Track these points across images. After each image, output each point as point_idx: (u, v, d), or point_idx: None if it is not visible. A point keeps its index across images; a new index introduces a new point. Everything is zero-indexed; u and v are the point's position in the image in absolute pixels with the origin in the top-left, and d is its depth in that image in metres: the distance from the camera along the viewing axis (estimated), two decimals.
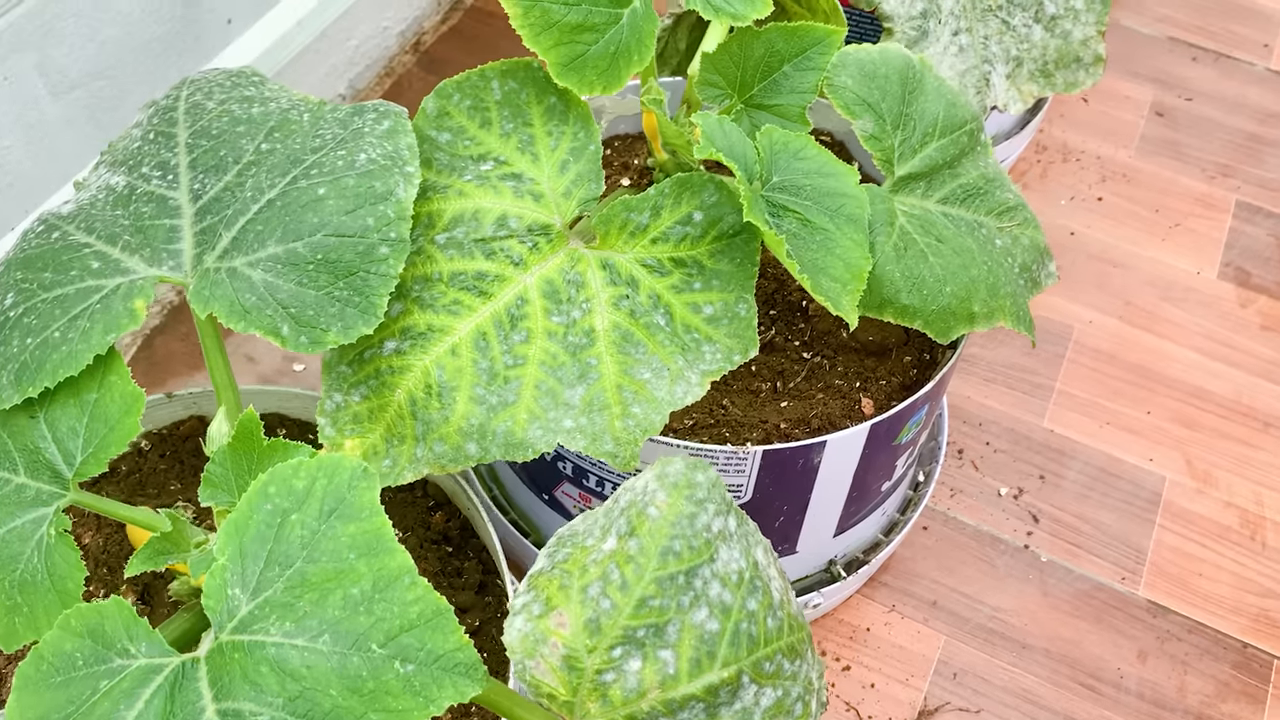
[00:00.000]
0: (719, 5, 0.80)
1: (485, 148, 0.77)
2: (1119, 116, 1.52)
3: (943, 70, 1.08)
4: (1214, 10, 1.66)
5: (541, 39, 0.75)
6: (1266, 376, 1.27)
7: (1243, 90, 1.56)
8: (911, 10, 1.06)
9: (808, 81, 0.85)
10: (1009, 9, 1.10)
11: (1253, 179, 1.46)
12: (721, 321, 0.74)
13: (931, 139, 0.89)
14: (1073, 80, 1.12)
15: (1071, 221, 1.40)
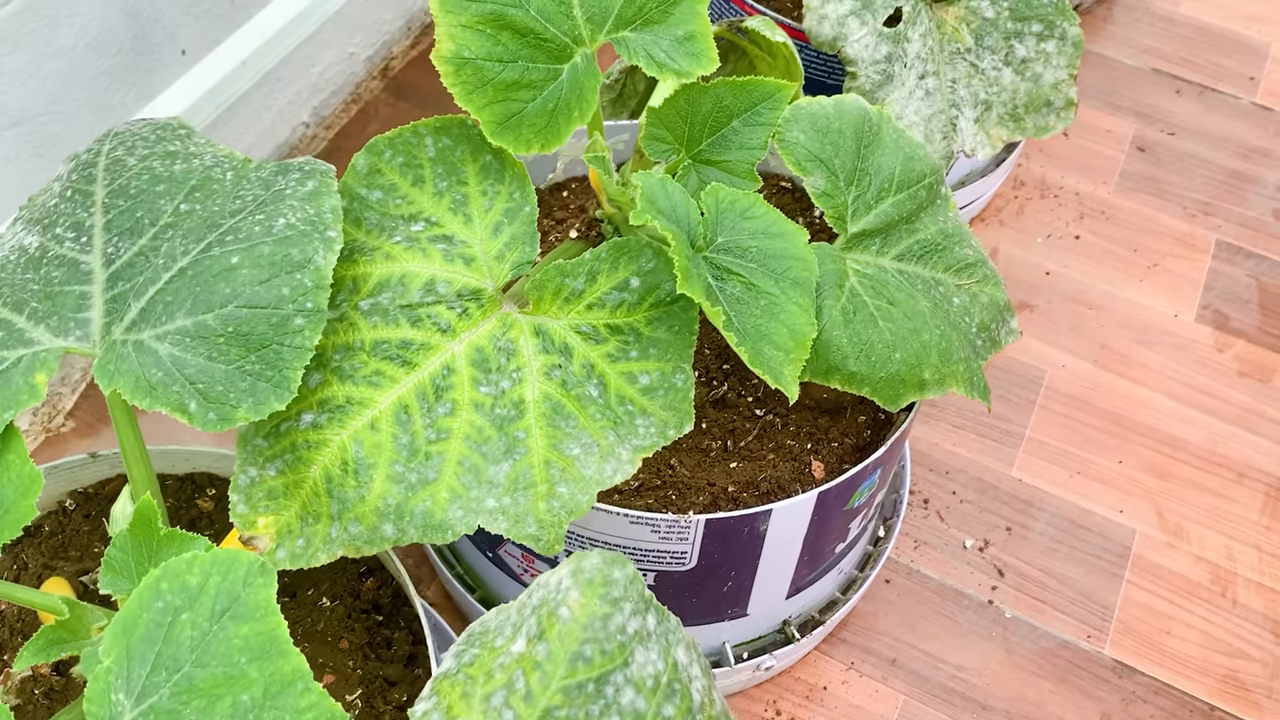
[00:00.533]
0: (663, 62, 0.77)
1: (417, 207, 0.74)
2: (1099, 151, 1.49)
3: (908, 115, 1.05)
4: (1199, 42, 1.63)
5: (474, 98, 0.72)
6: (1242, 424, 1.24)
7: (1226, 125, 1.53)
8: (876, 54, 1.03)
9: (757, 137, 0.82)
10: (978, 52, 1.07)
11: (1234, 217, 1.43)
12: (657, 392, 0.72)
13: (888, 194, 0.86)
14: (1043, 125, 1.09)
15: (1048, 260, 1.37)
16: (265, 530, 0.66)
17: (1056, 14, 1.08)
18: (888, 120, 0.89)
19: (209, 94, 1.21)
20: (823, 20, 1.02)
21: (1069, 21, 1.09)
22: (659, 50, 0.77)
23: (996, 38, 1.07)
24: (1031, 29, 1.08)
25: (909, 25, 1.04)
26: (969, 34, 1.07)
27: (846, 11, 1.02)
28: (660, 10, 0.78)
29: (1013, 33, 1.08)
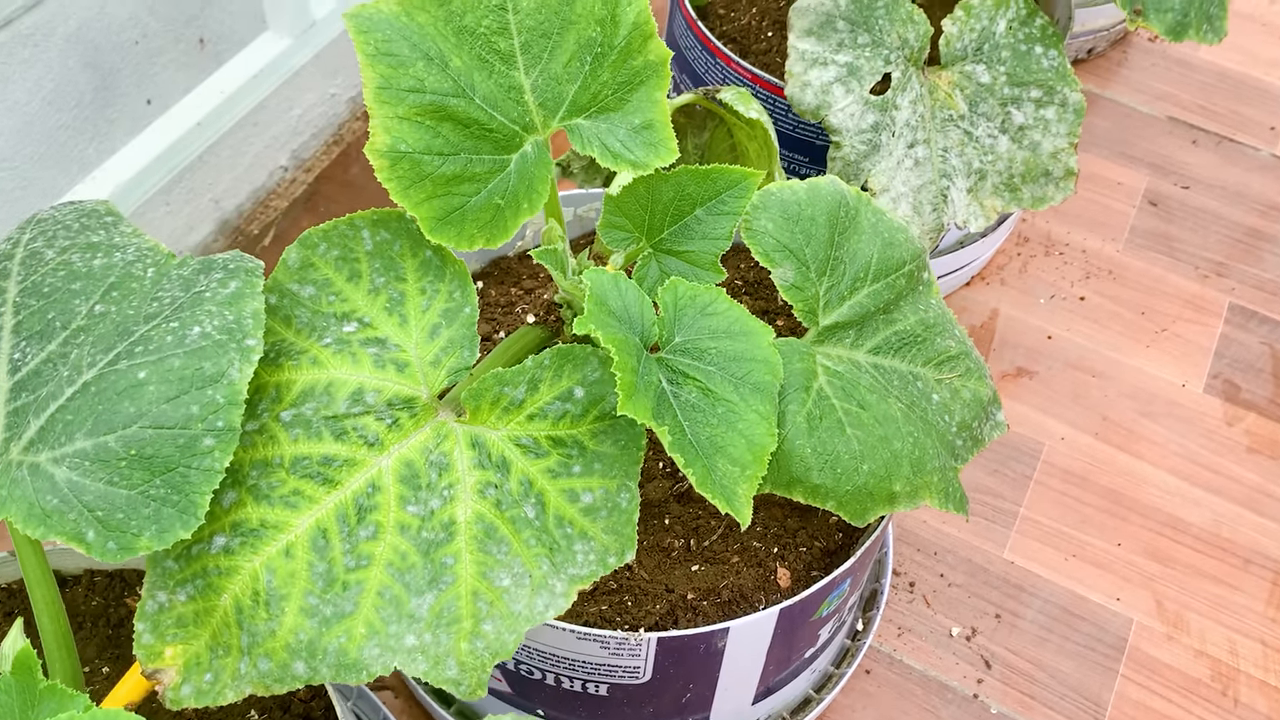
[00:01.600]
0: (618, 152, 0.72)
1: (350, 305, 0.70)
2: (1109, 205, 1.43)
3: (895, 186, 0.99)
4: (1219, 89, 1.57)
5: (411, 193, 0.68)
6: (1249, 505, 1.18)
7: (1244, 178, 1.47)
8: (861, 124, 0.97)
9: (721, 227, 0.77)
10: (972, 119, 1.01)
11: (1249, 279, 1.37)
12: (600, 513, 0.67)
13: (863, 284, 0.81)
14: (1041, 196, 1.04)
15: (1050, 323, 1.31)
16: (172, 662, 0.62)
17: (1057, 79, 1.03)
18: (866, 202, 0.84)
19: (178, 143, 1.17)
20: (805, 88, 0.97)
21: (1070, 87, 1.03)
22: (614, 139, 0.73)
23: (992, 104, 1.02)
24: (1030, 95, 1.02)
25: (898, 92, 0.99)
26: (963, 100, 1.01)
27: (831, 79, 0.97)
28: (616, 97, 0.73)
29: (1010, 99, 1.02)
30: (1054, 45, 1.04)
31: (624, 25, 0.72)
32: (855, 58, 0.97)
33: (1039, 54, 1.03)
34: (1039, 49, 1.03)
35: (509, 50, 0.72)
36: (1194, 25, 1.08)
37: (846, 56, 0.97)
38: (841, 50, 0.97)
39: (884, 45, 0.98)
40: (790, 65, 0.97)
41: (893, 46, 0.98)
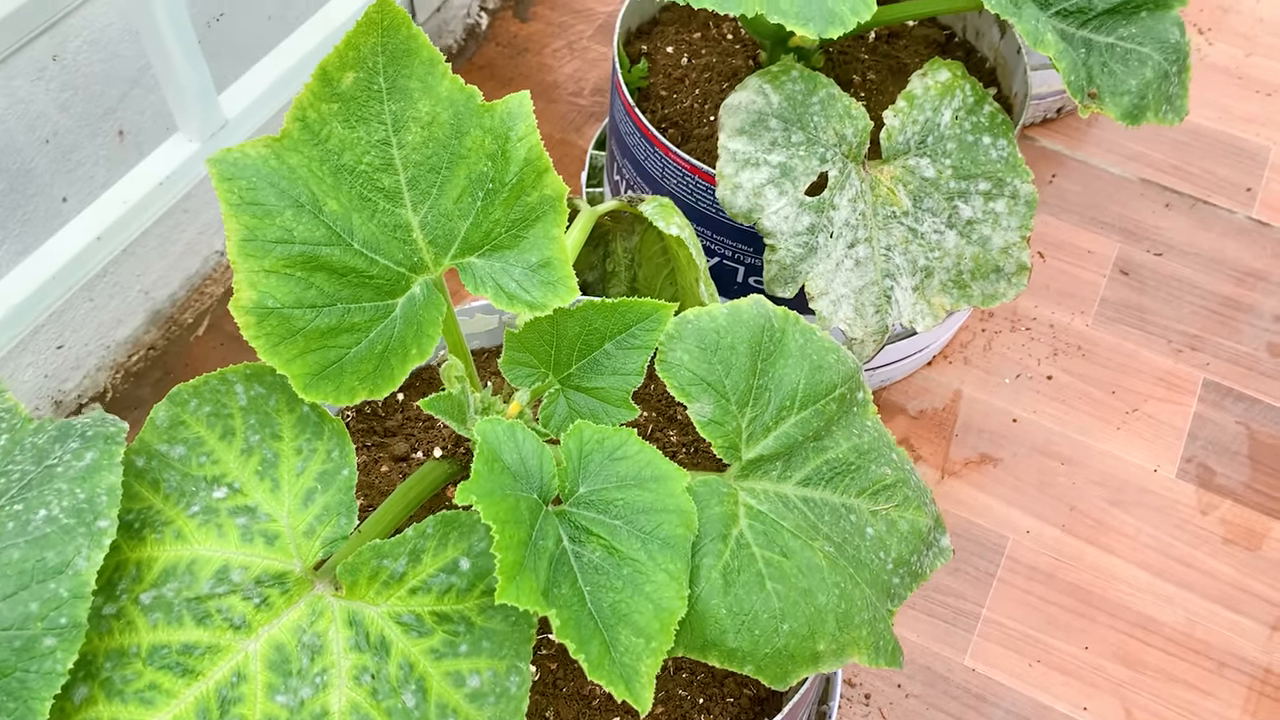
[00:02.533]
0: (514, 293, 0.68)
1: (222, 468, 0.65)
2: (1079, 275, 1.38)
3: (835, 289, 0.94)
4: (1192, 147, 1.51)
5: (282, 351, 0.63)
6: (1225, 602, 1.13)
7: (1219, 244, 1.42)
8: (797, 226, 0.92)
9: (633, 362, 0.72)
10: (917, 215, 0.96)
11: (1224, 353, 1.31)
12: (487, 699, 0.62)
13: (790, 412, 0.76)
14: (992, 293, 0.99)
15: (1016, 405, 1.26)
16: None
17: (1007, 170, 0.98)
18: (794, 323, 0.78)
19: (102, 238, 1.13)
20: (737, 190, 0.92)
21: (1021, 178, 0.98)
22: (509, 279, 0.68)
23: (938, 198, 0.97)
24: (978, 188, 0.97)
25: (836, 191, 0.94)
26: (906, 196, 0.96)
27: (764, 180, 0.92)
28: (511, 235, 0.68)
29: (956, 192, 0.97)
30: (1003, 134, 0.99)
31: (515, 161, 0.67)
32: (789, 157, 0.92)
33: (987, 144, 0.98)
34: (987, 139, 0.98)
35: (394, 187, 0.67)
36: (1152, 107, 1.03)
37: (780, 156, 0.92)
38: (774, 150, 0.92)
39: (819, 143, 0.93)
40: (721, 166, 0.92)
41: (829, 144, 0.94)
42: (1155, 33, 1.03)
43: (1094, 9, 1.03)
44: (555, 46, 1.56)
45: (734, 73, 1.14)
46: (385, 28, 0.65)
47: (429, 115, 0.67)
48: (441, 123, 0.67)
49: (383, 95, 0.66)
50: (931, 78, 0.98)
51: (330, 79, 0.65)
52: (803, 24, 0.84)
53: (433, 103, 0.67)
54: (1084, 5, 1.03)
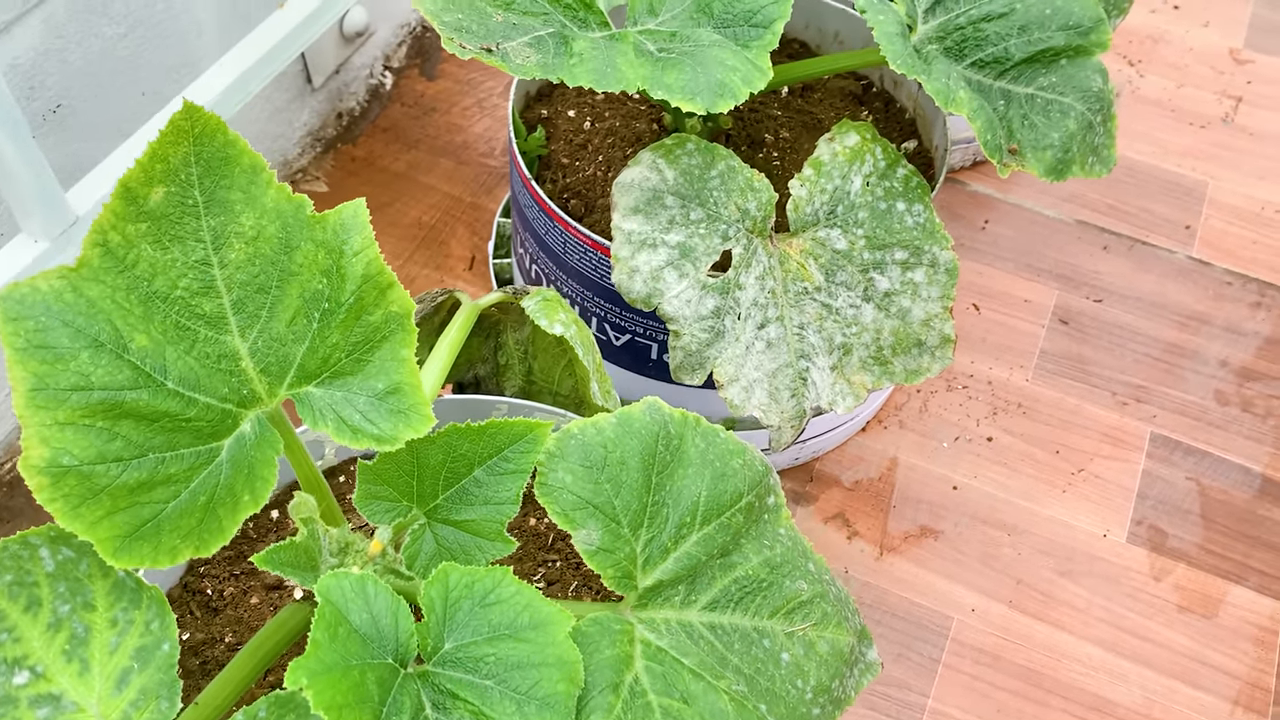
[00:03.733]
0: (358, 426, 0.60)
1: (25, 647, 0.56)
2: (1016, 327, 1.32)
3: (746, 374, 0.87)
4: (1128, 185, 1.46)
5: (84, 513, 0.55)
6: (1183, 677, 1.06)
7: (1160, 286, 1.36)
8: (701, 310, 0.85)
9: (506, 489, 0.65)
10: (830, 290, 0.90)
11: (1170, 403, 1.26)
12: None
13: (691, 529, 0.69)
14: (915, 368, 0.92)
15: (955, 470, 1.19)
16: None
17: (924, 237, 0.91)
18: (694, 425, 0.71)
19: None
20: (634, 274, 0.84)
21: (940, 245, 0.91)
22: (352, 410, 0.60)
23: (852, 271, 0.90)
24: (894, 257, 0.91)
25: (741, 269, 0.87)
26: (818, 270, 0.90)
27: (662, 262, 0.85)
28: (353, 360, 0.60)
29: (871, 264, 0.90)
30: (918, 199, 0.92)
31: (351, 278, 0.59)
32: (688, 236, 0.85)
33: (901, 211, 0.91)
34: (901, 205, 0.92)
35: (217, 312, 0.59)
36: (1077, 160, 0.97)
37: (678, 236, 0.85)
38: (672, 229, 0.85)
39: (721, 219, 0.86)
40: (616, 249, 0.85)
41: (731, 219, 0.87)
42: (1077, 81, 0.98)
43: (1011, 58, 0.97)
44: (465, 105, 1.49)
45: (638, 137, 1.08)
46: (197, 136, 0.58)
47: (254, 229, 0.59)
48: (269, 237, 0.59)
49: (199, 210, 0.58)
50: (840, 142, 0.91)
51: (135, 196, 0.57)
52: (688, 99, 0.77)
53: (257, 215, 0.59)
54: (1000, 55, 0.97)
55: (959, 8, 0.99)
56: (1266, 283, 1.37)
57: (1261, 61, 1.63)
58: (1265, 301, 1.35)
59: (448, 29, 0.75)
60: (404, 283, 1.31)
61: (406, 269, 1.33)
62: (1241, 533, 1.16)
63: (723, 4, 0.85)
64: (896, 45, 0.86)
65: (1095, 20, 0.98)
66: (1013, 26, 0.97)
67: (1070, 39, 0.97)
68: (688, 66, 0.79)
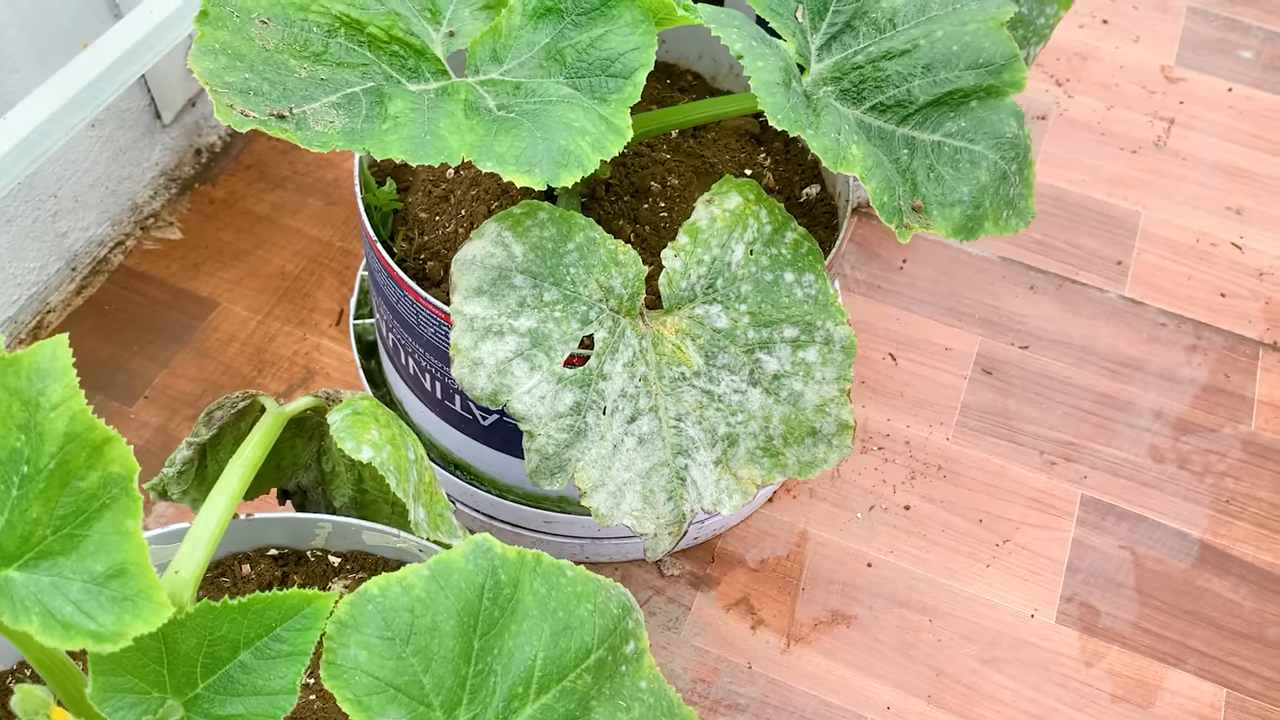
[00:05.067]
0: (69, 620, 0.47)
1: None
2: (936, 379, 1.21)
3: (614, 477, 0.76)
4: (1056, 218, 1.37)
5: None
6: None
7: (1090, 329, 1.27)
8: (557, 406, 0.73)
9: (281, 676, 0.53)
10: (711, 374, 0.78)
11: (1102, 461, 1.16)
12: None
13: (525, 700, 0.57)
14: (810, 459, 0.81)
15: (870, 545, 1.09)
16: None
17: (817, 312, 0.80)
18: (532, 567, 0.60)
19: None
20: (477, 368, 0.72)
21: (834, 320, 0.80)
22: (63, 600, 0.47)
23: (735, 353, 0.79)
24: (783, 335, 0.79)
25: (606, 357, 0.75)
26: (697, 353, 0.78)
27: (510, 353, 0.73)
28: (63, 536, 0.48)
29: (758, 343, 0.79)
30: (810, 267, 0.81)
31: (52, 437, 0.47)
32: (542, 321, 0.73)
33: (790, 282, 0.80)
34: (790, 275, 0.80)
35: None
36: (990, 216, 0.86)
37: (530, 321, 0.73)
38: (523, 313, 0.73)
39: (580, 300, 0.74)
40: (456, 338, 0.73)
41: (592, 300, 0.75)
42: (989, 126, 0.87)
43: (915, 101, 0.86)
44: None
45: (505, 189, 0.95)
46: None
47: None
48: None
49: None
50: (719, 205, 0.80)
51: None
52: (523, 172, 0.65)
53: None
54: (903, 98, 0.86)
55: (857, 43, 0.88)
56: (1202, 323, 1.28)
57: (1194, 80, 1.54)
58: (1200, 344, 1.26)
59: (229, 93, 0.62)
60: (262, 341, 1.19)
61: (266, 325, 1.20)
62: (1179, 608, 1.06)
63: (576, 50, 0.73)
64: (778, 97, 0.74)
65: (1008, 57, 0.88)
66: (916, 65, 0.86)
67: (980, 79, 0.87)
68: (525, 131, 0.66)
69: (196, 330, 1.19)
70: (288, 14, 0.69)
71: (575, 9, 0.74)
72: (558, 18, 0.74)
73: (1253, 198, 1.41)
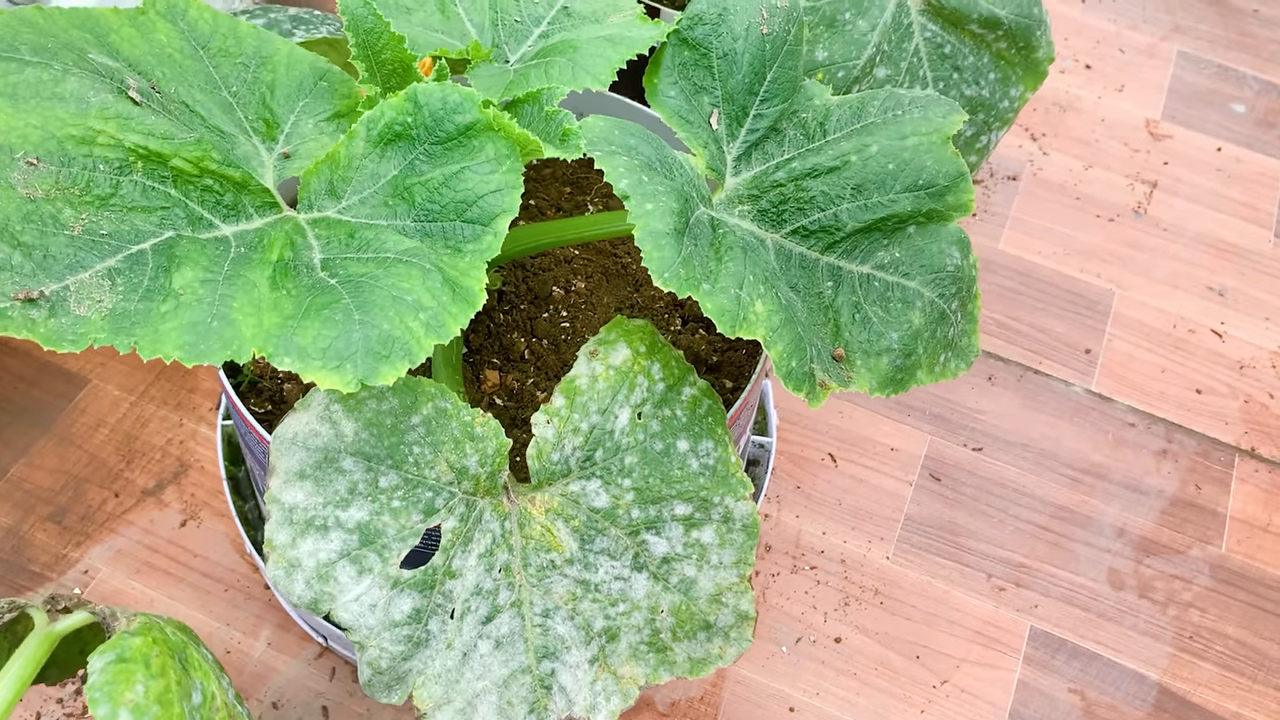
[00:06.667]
0: None
1: None
2: (879, 484, 1.10)
3: (461, 691, 0.64)
4: (1022, 296, 1.25)
5: None
6: None
7: (1052, 429, 1.15)
8: (392, 614, 0.62)
9: None
10: (587, 559, 0.67)
11: (1056, 587, 1.05)
12: None
13: None
14: (703, 655, 0.70)
15: (795, 684, 0.98)
16: None
17: (715, 486, 0.69)
18: None
19: None
20: (294, 571, 0.61)
21: (734, 494, 0.69)
22: None
23: (617, 534, 0.67)
24: (674, 513, 0.68)
25: (456, 551, 0.64)
26: (570, 536, 0.67)
27: (334, 554, 0.61)
28: None
29: (643, 523, 0.68)
30: (708, 432, 0.69)
31: None
32: (375, 513, 0.62)
33: (684, 452, 0.69)
34: (684, 443, 0.69)
35: None
36: (924, 365, 0.75)
37: (360, 512, 0.62)
38: (353, 502, 0.62)
39: (424, 484, 0.63)
40: (271, 531, 0.61)
41: (440, 484, 0.63)
42: (927, 257, 0.75)
43: (843, 228, 0.74)
44: None
45: None
46: None
47: None
48: None
49: None
50: (603, 360, 0.68)
51: None
52: (332, 370, 0.53)
53: None
54: (829, 224, 0.74)
55: (781, 153, 0.76)
56: (1174, 424, 1.17)
57: (1180, 137, 1.42)
58: (1171, 449, 1.15)
59: None
60: (134, 427, 1.07)
61: (140, 408, 1.08)
62: None
63: (427, 189, 0.61)
64: (665, 252, 0.62)
65: (952, 177, 0.76)
66: (845, 186, 0.75)
67: (919, 203, 0.75)
68: (340, 312, 0.55)
69: (61, 412, 1.07)
70: (65, 150, 0.57)
71: (429, 136, 0.62)
72: (408, 145, 0.62)
73: (1237, 276, 1.29)
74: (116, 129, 0.58)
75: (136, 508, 1.03)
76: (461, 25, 0.79)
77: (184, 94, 0.64)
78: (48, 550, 1.00)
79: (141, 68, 0.64)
